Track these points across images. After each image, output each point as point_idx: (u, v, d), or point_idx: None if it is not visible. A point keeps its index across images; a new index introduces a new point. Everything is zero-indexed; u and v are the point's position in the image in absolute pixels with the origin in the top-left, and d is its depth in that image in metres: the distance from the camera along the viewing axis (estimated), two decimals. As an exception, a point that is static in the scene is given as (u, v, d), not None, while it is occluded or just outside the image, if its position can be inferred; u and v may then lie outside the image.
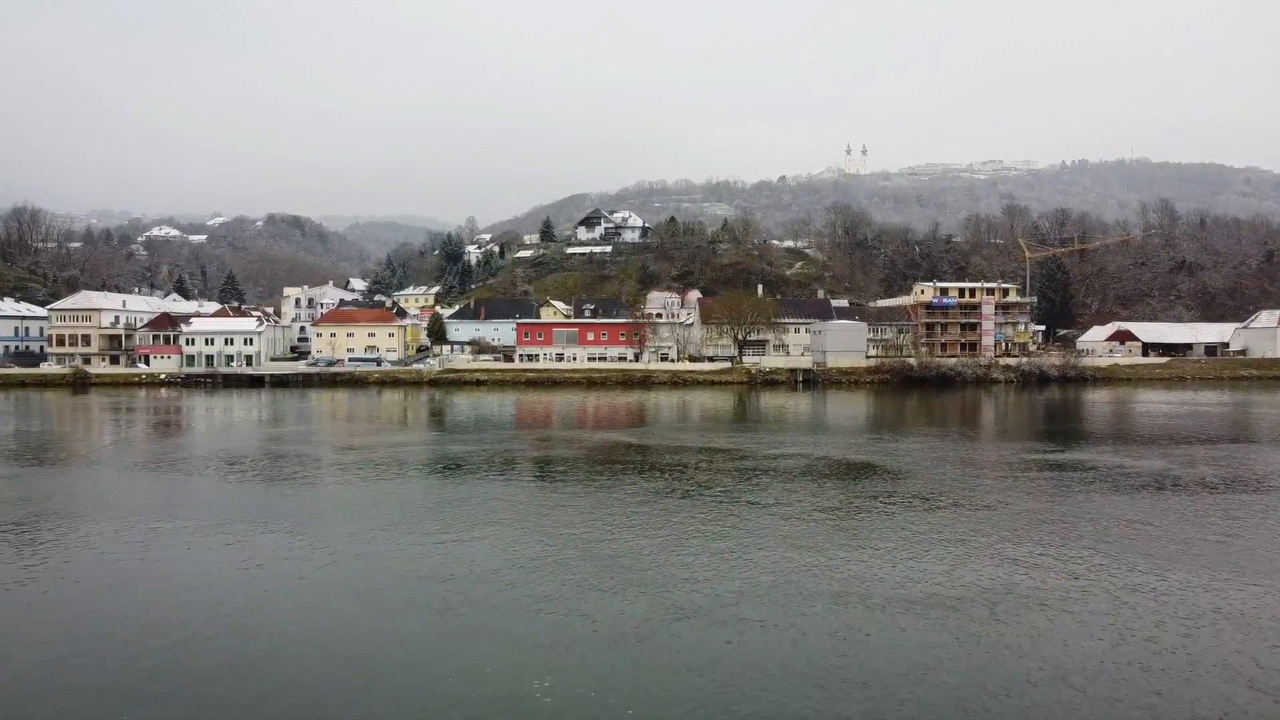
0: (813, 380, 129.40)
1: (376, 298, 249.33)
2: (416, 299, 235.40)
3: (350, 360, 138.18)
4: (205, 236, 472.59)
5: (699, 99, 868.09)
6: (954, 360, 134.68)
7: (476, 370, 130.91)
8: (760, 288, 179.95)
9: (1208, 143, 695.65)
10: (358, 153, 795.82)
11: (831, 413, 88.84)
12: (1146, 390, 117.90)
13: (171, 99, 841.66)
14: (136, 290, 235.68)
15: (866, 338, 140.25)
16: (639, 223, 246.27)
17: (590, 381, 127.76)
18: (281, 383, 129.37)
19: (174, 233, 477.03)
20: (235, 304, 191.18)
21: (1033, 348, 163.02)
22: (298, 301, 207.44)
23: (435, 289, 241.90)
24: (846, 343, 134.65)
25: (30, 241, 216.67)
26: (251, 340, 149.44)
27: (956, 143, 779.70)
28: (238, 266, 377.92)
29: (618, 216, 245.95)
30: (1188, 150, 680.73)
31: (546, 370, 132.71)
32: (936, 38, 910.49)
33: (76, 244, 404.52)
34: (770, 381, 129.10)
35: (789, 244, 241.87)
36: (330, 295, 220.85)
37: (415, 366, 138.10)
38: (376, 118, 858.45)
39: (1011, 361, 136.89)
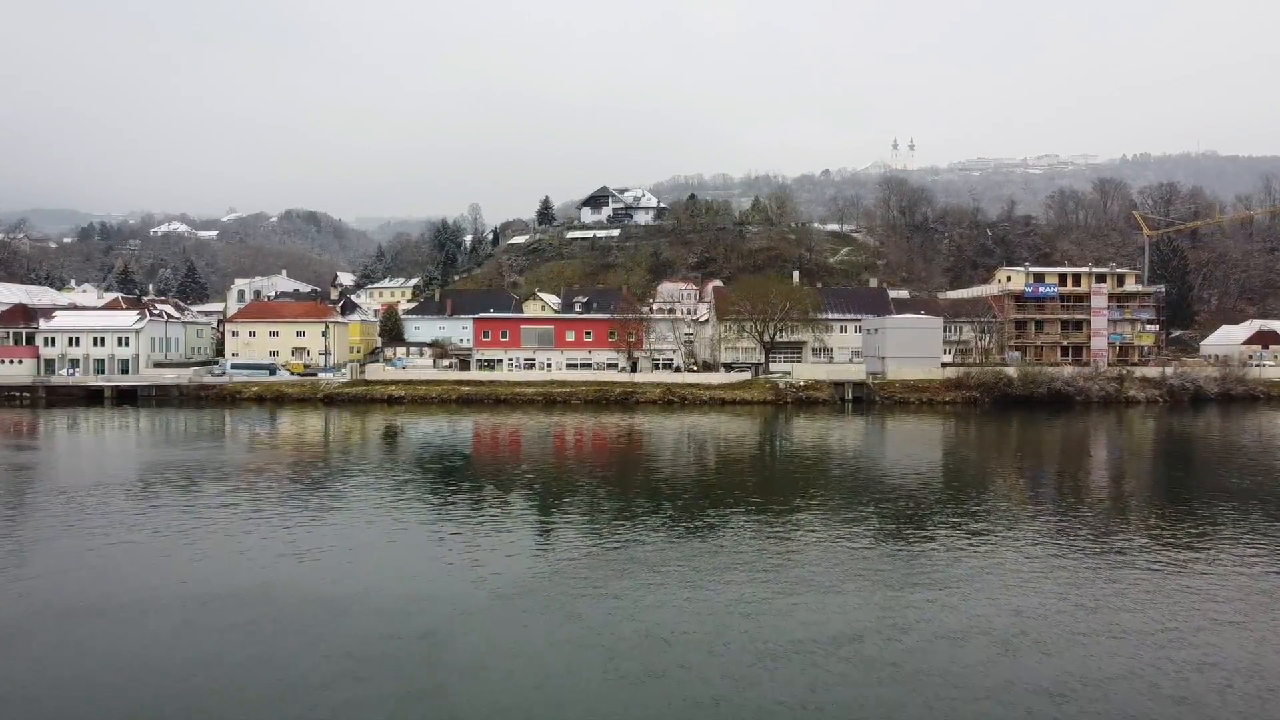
0: (866, 398, 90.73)
1: (359, 292, 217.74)
2: (390, 292, 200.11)
3: (233, 367, 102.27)
4: (216, 233, 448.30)
5: (738, 95, 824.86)
6: (1070, 371, 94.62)
7: (391, 384, 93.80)
8: (796, 275, 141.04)
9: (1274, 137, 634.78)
10: (395, 155, 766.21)
11: (897, 469, 50.44)
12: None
13: (214, 102, 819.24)
14: (72, 283, 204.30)
15: (942, 338, 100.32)
16: (653, 202, 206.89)
17: (549, 399, 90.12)
18: (128, 398, 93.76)
19: (182, 228, 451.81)
20: (136, 294, 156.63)
21: (1147, 352, 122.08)
22: (241, 295, 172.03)
23: (414, 281, 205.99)
24: (915, 345, 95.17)
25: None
26: (126, 340, 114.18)
27: (1007, 138, 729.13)
28: (232, 262, 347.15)
29: (629, 195, 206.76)
30: (1255, 144, 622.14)
31: (491, 384, 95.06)
32: (983, 29, 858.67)
33: (69, 239, 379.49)
34: (806, 400, 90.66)
35: (833, 227, 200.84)
36: (282, 286, 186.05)
37: (323, 376, 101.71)
38: (415, 120, 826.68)
39: (1151, 373, 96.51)
